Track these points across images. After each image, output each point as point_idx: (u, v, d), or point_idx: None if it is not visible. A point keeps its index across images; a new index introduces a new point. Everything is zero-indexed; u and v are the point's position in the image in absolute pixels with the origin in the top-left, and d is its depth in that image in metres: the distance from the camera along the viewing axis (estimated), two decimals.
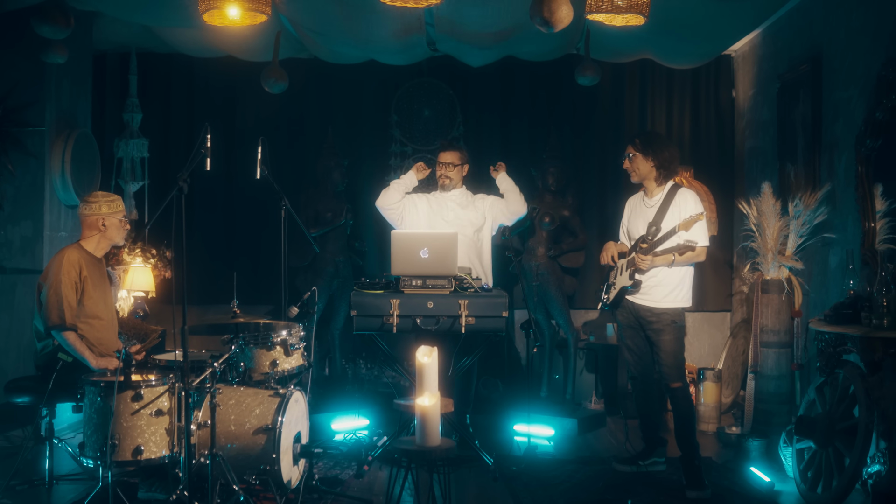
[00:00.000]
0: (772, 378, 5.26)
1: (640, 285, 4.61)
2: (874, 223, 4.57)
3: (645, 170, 4.65)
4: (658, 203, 4.64)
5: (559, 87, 6.93)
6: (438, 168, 5.44)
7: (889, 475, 3.95)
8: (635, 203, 4.86)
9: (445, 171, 5.41)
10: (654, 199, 4.69)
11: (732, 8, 5.30)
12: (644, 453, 4.89)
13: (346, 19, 5.42)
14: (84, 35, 6.11)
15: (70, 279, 4.33)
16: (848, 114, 4.96)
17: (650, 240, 4.56)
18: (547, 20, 3.98)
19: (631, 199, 4.94)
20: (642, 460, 4.86)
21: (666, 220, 4.56)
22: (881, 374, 3.96)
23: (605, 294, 4.86)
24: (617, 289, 4.73)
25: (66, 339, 4.27)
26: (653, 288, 4.61)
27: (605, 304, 4.83)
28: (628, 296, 4.69)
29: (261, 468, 3.90)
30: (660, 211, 4.60)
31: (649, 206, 4.70)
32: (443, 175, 5.41)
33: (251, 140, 5.53)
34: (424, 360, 3.40)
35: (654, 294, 4.61)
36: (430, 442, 3.39)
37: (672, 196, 4.60)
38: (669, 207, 4.57)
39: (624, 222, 4.92)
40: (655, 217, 4.60)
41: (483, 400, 6.22)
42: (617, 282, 4.76)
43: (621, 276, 4.72)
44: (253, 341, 4.32)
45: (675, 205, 4.57)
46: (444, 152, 5.44)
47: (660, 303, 4.61)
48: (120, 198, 4.61)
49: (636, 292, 4.63)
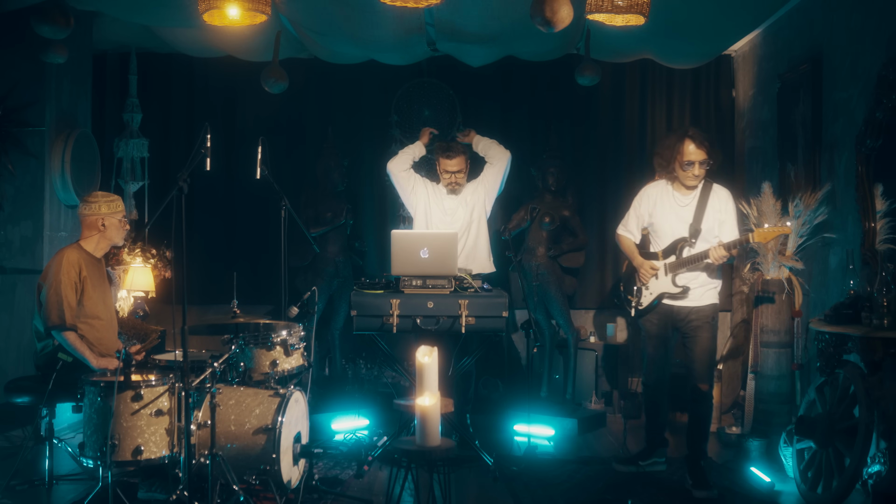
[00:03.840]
0: (772, 378, 5.25)
1: (688, 292, 4.50)
2: (874, 223, 4.57)
3: (704, 173, 4.48)
4: (693, 202, 4.49)
5: (559, 86, 6.92)
6: (445, 176, 5.37)
7: (889, 475, 3.94)
8: (659, 196, 4.63)
9: (455, 178, 5.35)
10: (688, 196, 4.51)
11: (732, 8, 5.30)
12: (644, 453, 4.87)
13: (346, 19, 5.42)
14: (84, 35, 6.11)
15: (70, 279, 4.33)
16: (848, 114, 4.95)
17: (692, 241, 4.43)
18: (548, 20, 3.98)
19: (650, 190, 4.70)
20: (642, 460, 4.84)
21: (706, 220, 4.43)
22: (881, 374, 3.96)
23: (635, 299, 4.68)
24: (655, 294, 4.59)
25: (66, 339, 4.27)
26: (695, 290, 4.53)
27: (638, 310, 4.66)
28: (666, 300, 4.56)
29: (261, 468, 3.90)
30: (697, 210, 4.45)
31: (682, 203, 4.53)
32: (452, 183, 5.36)
33: (251, 140, 5.53)
34: (424, 360, 3.40)
35: (697, 294, 4.53)
36: (430, 442, 3.39)
37: (707, 194, 4.45)
38: (707, 207, 4.44)
39: (641, 213, 4.70)
40: (695, 219, 4.46)
41: (483, 400, 6.22)
42: (653, 287, 4.60)
43: (658, 281, 4.58)
44: (253, 341, 4.32)
45: (711, 203, 4.44)
46: (449, 160, 5.34)
47: (701, 300, 4.53)
48: (119, 198, 4.61)
49: (684, 297, 4.51)
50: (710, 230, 4.48)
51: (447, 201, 5.43)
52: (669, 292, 4.53)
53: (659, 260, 4.61)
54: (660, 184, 4.67)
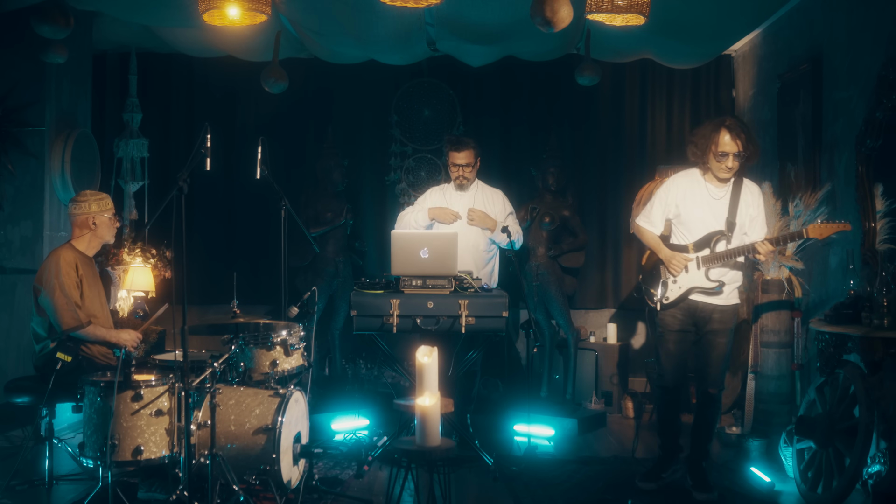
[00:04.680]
0: (772, 378, 5.25)
1: (722, 286, 4.34)
2: (874, 223, 4.57)
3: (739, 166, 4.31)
4: (727, 195, 4.34)
5: (559, 87, 6.93)
6: (454, 170, 5.26)
7: (889, 475, 3.94)
8: (690, 186, 4.42)
9: (463, 172, 5.24)
10: (722, 189, 4.36)
11: (732, 8, 5.30)
12: (663, 464, 4.56)
13: (346, 19, 5.42)
14: (84, 35, 6.11)
15: (70, 279, 4.34)
16: (848, 114, 4.95)
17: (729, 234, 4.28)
18: (548, 20, 3.98)
19: (680, 180, 4.48)
20: (664, 472, 4.54)
21: (739, 214, 4.30)
22: (881, 374, 3.96)
23: (659, 293, 4.47)
24: (685, 289, 4.39)
25: (86, 334, 4.32)
26: (725, 286, 4.37)
27: (664, 304, 4.44)
28: (694, 295, 4.39)
29: (261, 468, 3.90)
30: (731, 205, 4.32)
31: (716, 196, 4.36)
32: (460, 177, 5.25)
33: (251, 140, 5.53)
34: (424, 360, 3.40)
35: (724, 291, 4.38)
36: (430, 442, 3.39)
37: (739, 187, 4.34)
38: (740, 201, 4.32)
39: (668, 204, 4.46)
40: (730, 213, 4.31)
41: (483, 400, 6.22)
42: (682, 280, 4.39)
43: (689, 275, 4.38)
44: (253, 341, 4.32)
45: (744, 198, 4.33)
46: (458, 153, 5.22)
47: (727, 300, 4.39)
48: (108, 196, 4.61)
49: (716, 293, 4.34)
50: (741, 225, 4.32)
51: (455, 201, 5.33)
52: (702, 287, 4.34)
53: (690, 252, 4.38)
54: (691, 173, 4.45)
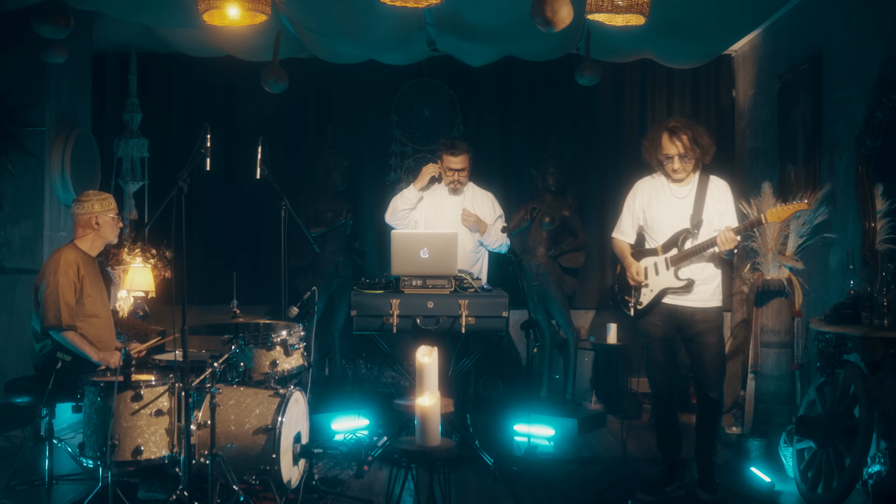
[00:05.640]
0: (772, 378, 5.25)
1: (693, 285, 4.25)
2: (874, 223, 4.57)
3: (691, 166, 4.28)
4: (692, 193, 4.30)
5: (559, 87, 6.93)
6: (448, 174, 5.23)
7: (889, 475, 3.94)
8: (654, 189, 4.41)
9: (458, 177, 5.21)
10: (685, 188, 4.32)
11: (732, 8, 5.30)
12: (667, 478, 4.44)
13: (346, 19, 5.42)
14: (84, 35, 6.11)
15: (68, 280, 4.32)
16: (848, 114, 4.95)
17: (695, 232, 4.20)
18: (548, 20, 3.98)
19: (643, 185, 4.48)
20: (667, 487, 4.42)
21: (706, 211, 4.24)
22: (881, 374, 3.96)
23: (634, 299, 4.41)
24: (656, 291, 4.33)
25: (65, 338, 4.27)
26: (700, 285, 4.27)
27: (638, 309, 4.39)
28: (668, 298, 4.31)
29: (261, 468, 3.90)
30: (697, 201, 4.26)
31: (680, 196, 4.32)
32: (455, 181, 5.23)
33: (251, 140, 5.52)
34: (424, 360, 3.40)
35: (702, 292, 4.28)
36: (430, 442, 3.39)
37: (705, 185, 4.28)
38: (706, 198, 4.25)
39: (636, 210, 4.47)
40: (695, 211, 4.26)
41: (483, 400, 6.22)
42: (654, 283, 4.34)
43: (659, 277, 4.32)
44: (253, 341, 4.32)
45: (710, 194, 4.26)
46: (454, 157, 5.18)
47: (707, 301, 4.29)
48: (111, 195, 4.61)
49: (688, 293, 4.25)
50: (710, 221, 4.26)
51: (447, 202, 5.35)
52: (672, 287, 4.28)
53: (658, 255, 4.37)
54: (655, 176, 4.45)
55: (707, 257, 4.30)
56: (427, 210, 5.37)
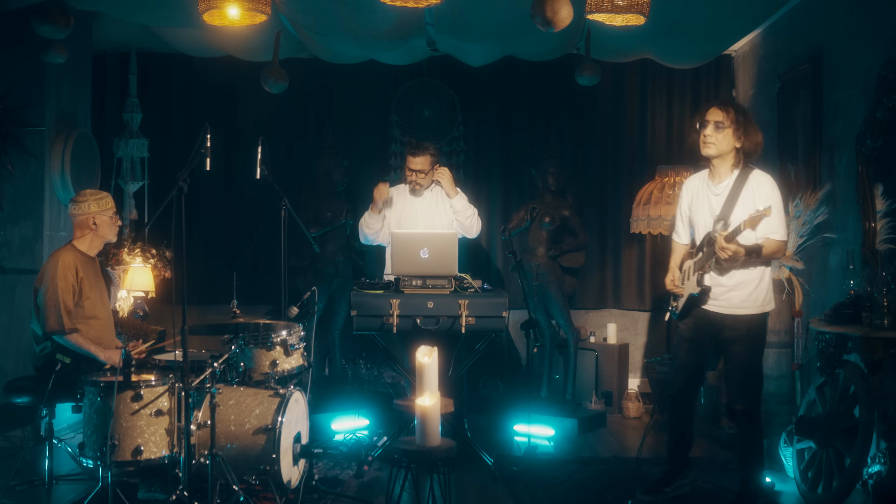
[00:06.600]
0: (772, 378, 5.25)
1: (709, 292, 4.03)
2: (874, 223, 4.57)
3: (726, 147, 3.97)
4: (726, 190, 4.01)
5: (559, 87, 6.93)
6: (408, 174, 5.16)
7: (889, 475, 3.94)
8: (697, 186, 4.20)
9: (417, 178, 5.13)
10: (721, 184, 4.05)
11: (732, 8, 5.30)
12: (668, 478, 4.37)
13: (346, 19, 5.42)
14: (84, 35, 6.11)
15: (67, 283, 4.31)
16: (848, 113, 4.95)
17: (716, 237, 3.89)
18: (548, 20, 3.98)
19: (690, 181, 4.28)
20: (667, 487, 4.34)
21: (736, 210, 3.94)
22: (882, 374, 3.96)
23: (673, 302, 4.31)
24: (685, 297, 4.20)
25: (69, 341, 4.28)
26: (729, 292, 4.05)
27: (675, 312, 4.28)
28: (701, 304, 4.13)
29: (261, 468, 3.89)
30: (728, 200, 3.97)
31: (716, 192, 4.06)
32: (414, 182, 5.15)
33: (251, 140, 5.52)
34: (424, 360, 3.40)
35: (732, 298, 4.06)
36: (430, 442, 3.39)
37: (744, 180, 3.96)
38: (740, 195, 3.95)
39: (683, 210, 4.27)
40: (723, 208, 3.98)
41: (483, 400, 6.22)
42: (686, 288, 4.20)
43: (689, 282, 4.17)
44: (253, 341, 4.32)
45: (747, 190, 3.94)
46: (414, 157, 5.10)
47: (737, 308, 4.05)
48: (109, 195, 4.60)
49: (705, 300, 4.07)
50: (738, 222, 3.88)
51: (409, 202, 5.25)
52: (692, 293, 4.12)
53: (693, 258, 4.19)
54: (700, 174, 4.24)
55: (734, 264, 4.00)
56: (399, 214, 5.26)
